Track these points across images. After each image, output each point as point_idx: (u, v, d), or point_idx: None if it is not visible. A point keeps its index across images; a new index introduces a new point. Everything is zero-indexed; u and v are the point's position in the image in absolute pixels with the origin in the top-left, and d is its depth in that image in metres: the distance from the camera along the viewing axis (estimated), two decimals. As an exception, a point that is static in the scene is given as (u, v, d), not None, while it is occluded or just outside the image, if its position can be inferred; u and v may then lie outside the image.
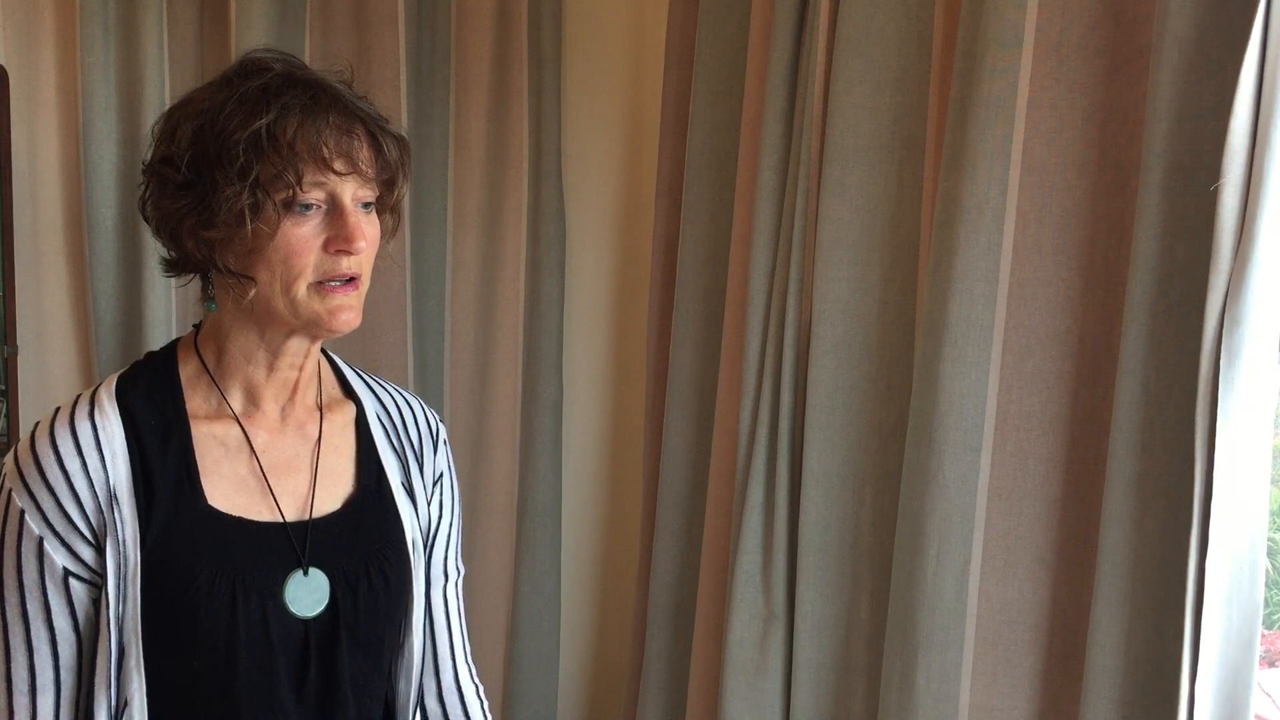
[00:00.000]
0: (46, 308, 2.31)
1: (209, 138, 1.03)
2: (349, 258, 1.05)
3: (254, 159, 1.01)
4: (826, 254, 1.68)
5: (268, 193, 1.02)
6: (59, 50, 2.25)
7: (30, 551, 1.05)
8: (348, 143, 1.05)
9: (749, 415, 1.78)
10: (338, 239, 1.04)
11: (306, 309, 1.06)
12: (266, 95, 1.03)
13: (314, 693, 1.11)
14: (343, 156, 1.04)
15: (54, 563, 1.05)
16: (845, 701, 1.73)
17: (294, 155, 1.02)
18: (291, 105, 1.03)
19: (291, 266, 1.04)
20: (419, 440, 1.25)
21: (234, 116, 1.02)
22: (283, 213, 1.03)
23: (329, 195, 1.05)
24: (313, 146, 1.03)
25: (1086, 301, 1.48)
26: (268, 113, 1.02)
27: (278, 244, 1.03)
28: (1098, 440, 1.47)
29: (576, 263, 2.22)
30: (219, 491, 1.10)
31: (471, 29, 2.16)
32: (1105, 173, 1.45)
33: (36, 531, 1.05)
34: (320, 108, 1.04)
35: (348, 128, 1.05)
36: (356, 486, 1.18)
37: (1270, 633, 1.71)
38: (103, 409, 1.08)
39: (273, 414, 1.14)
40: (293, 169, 1.02)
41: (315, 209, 1.04)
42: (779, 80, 1.73)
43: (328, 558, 1.12)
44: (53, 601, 1.06)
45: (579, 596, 2.29)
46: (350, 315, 1.08)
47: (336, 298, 1.06)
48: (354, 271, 1.06)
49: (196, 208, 1.04)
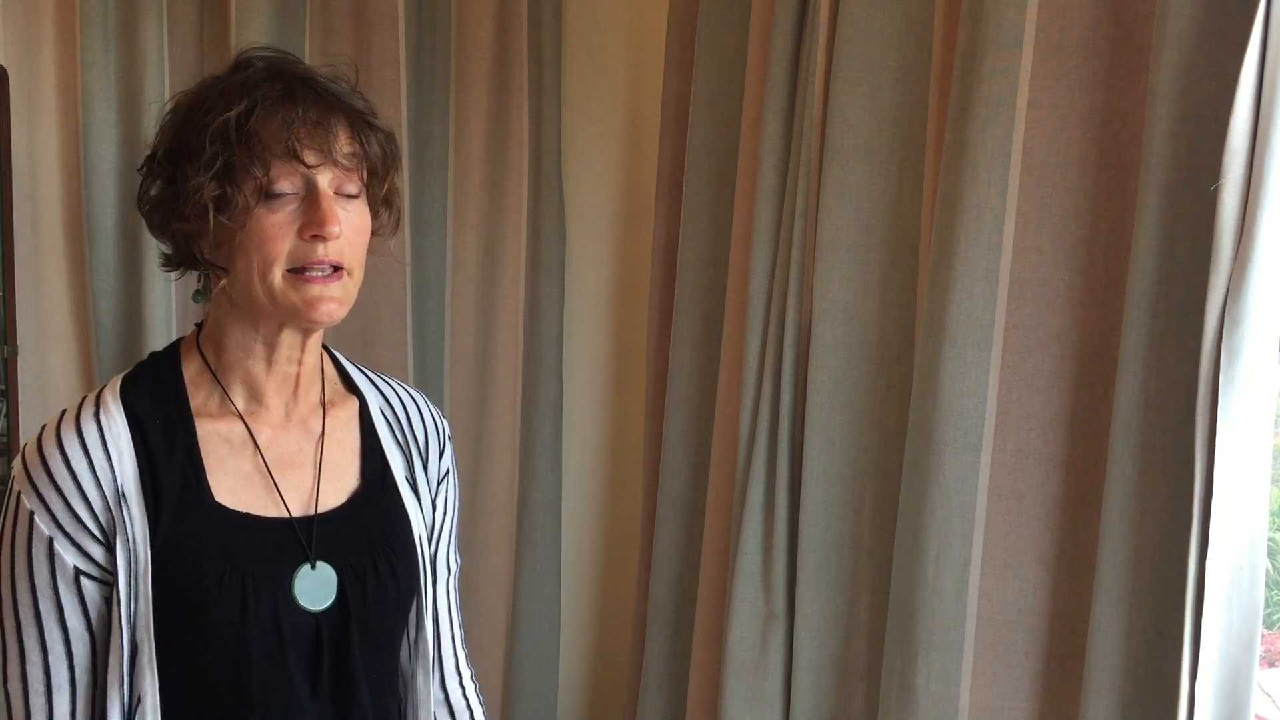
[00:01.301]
0: (46, 308, 2.31)
1: (187, 131, 1.04)
2: (325, 244, 1.04)
3: (220, 150, 1.01)
4: (826, 254, 1.67)
5: (237, 184, 1.02)
6: (59, 50, 2.25)
7: (41, 552, 1.06)
8: (322, 134, 1.04)
9: (749, 415, 1.78)
10: (311, 224, 1.04)
11: (283, 299, 1.05)
12: (244, 88, 1.04)
13: (328, 687, 1.11)
14: (314, 148, 1.04)
15: (65, 562, 1.06)
16: (845, 701, 1.73)
17: (261, 147, 1.02)
18: (266, 97, 1.03)
19: (266, 253, 1.04)
20: (424, 438, 1.26)
21: (210, 110, 1.03)
22: (254, 201, 1.03)
23: (305, 182, 1.04)
24: (281, 138, 1.02)
25: (1086, 301, 1.48)
26: (238, 104, 1.02)
27: (250, 232, 1.03)
28: (1098, 440, 1.47)
29: (576, 263, 2.22)
30: (225, 488, 1.10)
31: (471, 29, 2.16)
32: (1105, 173, 1.45)
33: (46, 532, 1.05)
34: (294, 99, 1.04)
35: (321, 119, 1.05)
36: (361, 481, 1.18)
37: (1270, 633, 1.71)
38: (108, 409, 1.09)
39: (277, 411, 1.15)
40: (260, 161, 1.02)
41: (290, 196, 1.04)
42: (779, 80, 1.73)
43: (334, 552, 1.13)
44: (65, 601, 1.06)
45: (579, 596, 2.29)
46: (332, 306, 1.06)
47: (314, 287, 1.05)
48: (333, 260, 1.05)
49: (172, 200, 1.05)
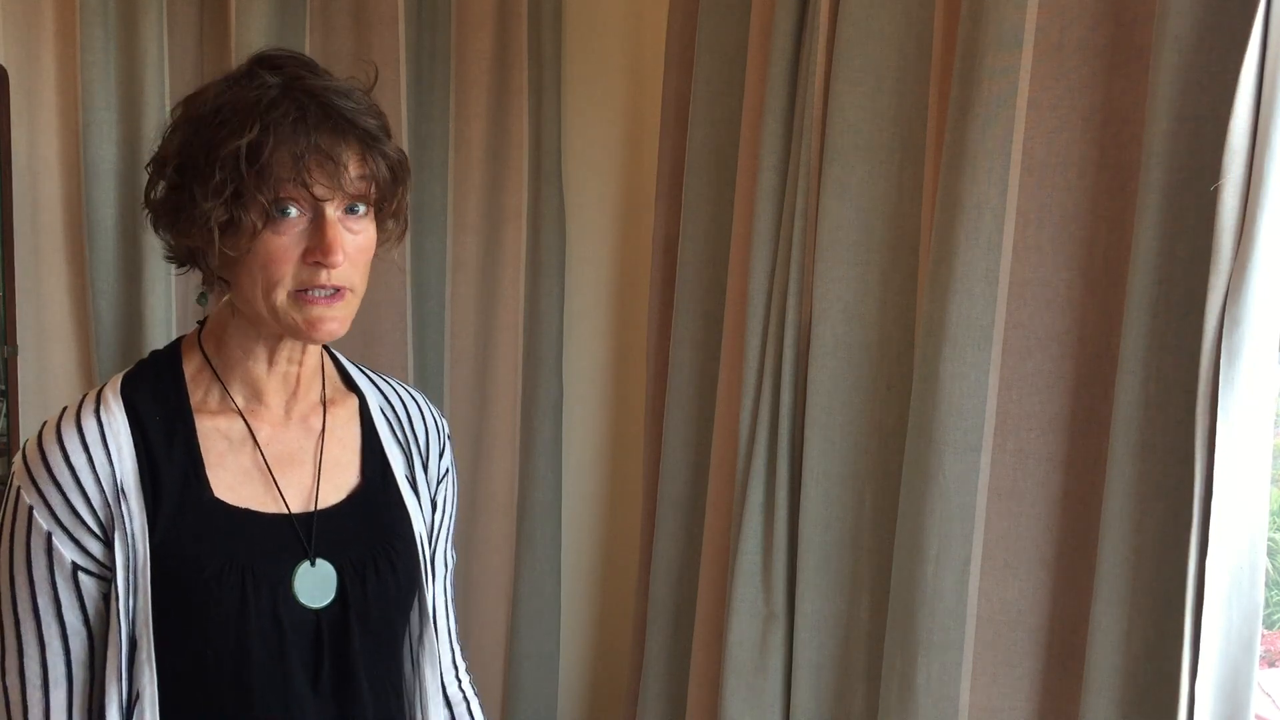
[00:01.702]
0: (46, 308, 2.31)
1: (196, 148, 1.03)
2: (327, 271, 1.04)
3: (229, 177, 1.00)
4: (826, 254, 1.67)
5: (245, 209, 1.01)
6: (59, 50, 2.25)
7: (39, 547, 1.06)
8: (331, 166, 1.02)
9: (749, 415, 1.77)
10: (315, 250, 1.03)
11: (286, 317, 1.06)
12: (256, 110, 1.01)
13: (329, 684, 1.11)
14: (324, 181, 1.02)
15: (63, 558, 1.06)
16: (845, 701, 1.73)
17: (272, 176, 1.01)
18: (277, 123, 1.01)
19: (270, 274, 1.04)
20: (425, 438, 1.26)
21: (220, 129, 1.01)
22: (261, 225, 1.02)
23: (312, 207, 1.04)
24: (291, 169, 1.01)
25: (1086, 301, 1.48)
26: (250, 130, 1.00)
27: (256, 252, 1.03)
28: (1098, 440, 1.47)
29: (576, 263, 2.22)
30: (224, 484, 1.10)
31: (471, 29, 2.16)
32: (1105, 173, 1.45)
33: (45, 527, 1.06)
34: (307, 126, 1.02)
35: (333, 149, 1.03)
36: (361, 478, 1.19)
37: (1270, 633, 1.71)
38: (108, 406, 1.09)
39: (277, 409, 1.15)
40: (268, 189, 1.01)
41: (299, 217, 1.03)
42: (779, 80, 1.73)
43: (334, 549, 1.13)
44: (62, 596, 1.07)
45: (579, 596, 2.29)
46: (333, 326, 1.06)
47: (317, 308, 1.05)
48: (336, 283, 1.05)
49: (176, 213, 1.06)
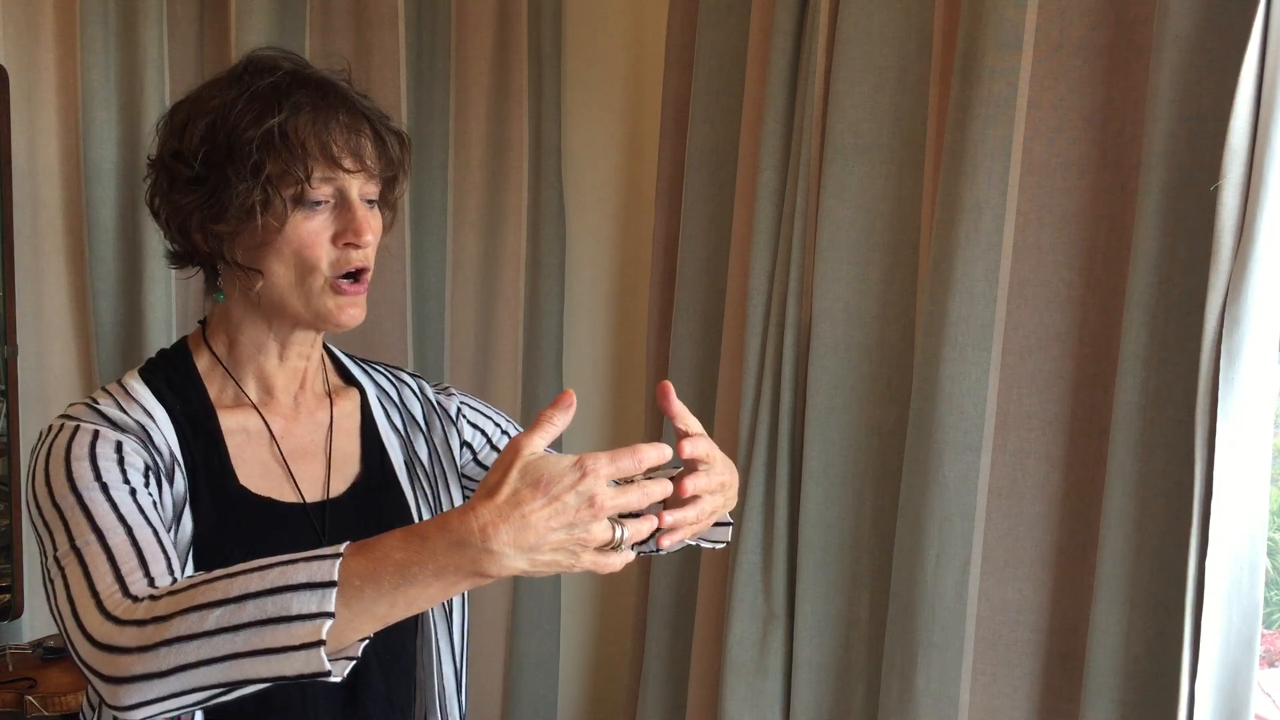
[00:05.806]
0: (46, 308, 2.31)
1: (221, 135, 1.05)
2: (357, 250, 1.09)
3: (266, 156, 1.04)
4: (826, 254, 1.67)
5: (277, 189, 1.05)
6: (59, 50, 2.26)
7: (107, 455, 1.02)
8: (356, 140, 1.09)
9: (749, 415, 1.78)
10: (346, 232, 1.08)
11: (319, 302, 1.09)
12: (277, 93, 1.06)
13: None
14: (351, 154, 1.08)
15: (135, 461, 1.03)
16: (845, 701, 1.73)
17: (305, 153, 1.05)
18: (302, 104, 1.06)
19: (305, 260, 1.07)
20: (421, 411, 1.28)
21: (246, 114, 1.05)
22: (291, 207, 1.06)
23: (337, 191, 1.08)
24: (323, 144, 1.06)
25: (1086, 301, 1.48)
26: (280, 111, 1.05)
27: (288, 237, 1.07)
28: (1098, 440, 1.47)
29: (576, 263, 2.22)
30: (245, 475, 1.12)
31: (471, 29, 2.16)
32: (1105, 173, 1.45)
33: (115, 437, 1.03)
34: (329, 106, 1.08)
35: (355, 126, 1.09)
36: (362, 469, 1.21)
37: (1270, 633, 1.71)
38: (136, 392, 1.10)
39: (286, 402, 1.18)
40: (302, 166, 1.05)
41: (324, 204, 1.08)
42: (779, 80, 1.73)
43: (343, 536, 1.13)
44: (139, 490, 1.01)
45: (579, 596, 2.29)
46: (357, 312, 1.12)
47: (347, 296, 1.10)
48: (363, 264, 1.10)
49: (207, 202, 1.07)
